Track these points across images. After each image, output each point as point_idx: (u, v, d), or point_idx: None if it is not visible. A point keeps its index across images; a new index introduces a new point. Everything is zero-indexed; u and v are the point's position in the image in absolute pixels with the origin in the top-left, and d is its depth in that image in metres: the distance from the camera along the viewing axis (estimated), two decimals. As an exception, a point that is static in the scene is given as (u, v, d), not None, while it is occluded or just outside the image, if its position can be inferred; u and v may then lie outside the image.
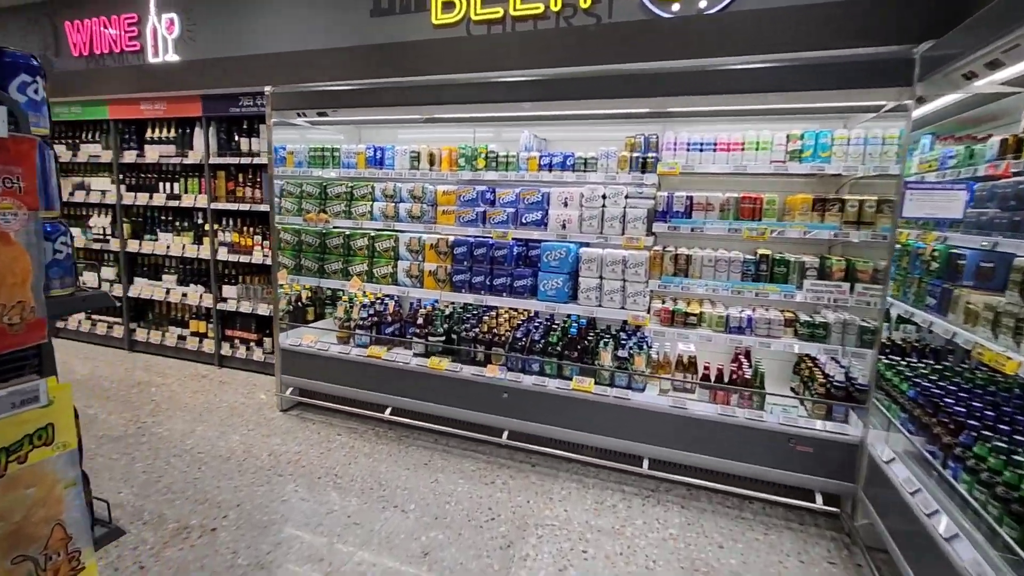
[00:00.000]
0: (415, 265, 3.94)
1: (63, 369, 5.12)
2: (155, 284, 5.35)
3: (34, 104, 1.16)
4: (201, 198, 4.88)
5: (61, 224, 1.23)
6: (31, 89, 1.14)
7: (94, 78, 5.03)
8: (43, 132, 1.18)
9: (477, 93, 3.35)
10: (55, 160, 1.20)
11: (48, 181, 1.13)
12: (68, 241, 1.23)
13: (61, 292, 1.22)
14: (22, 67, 1.14)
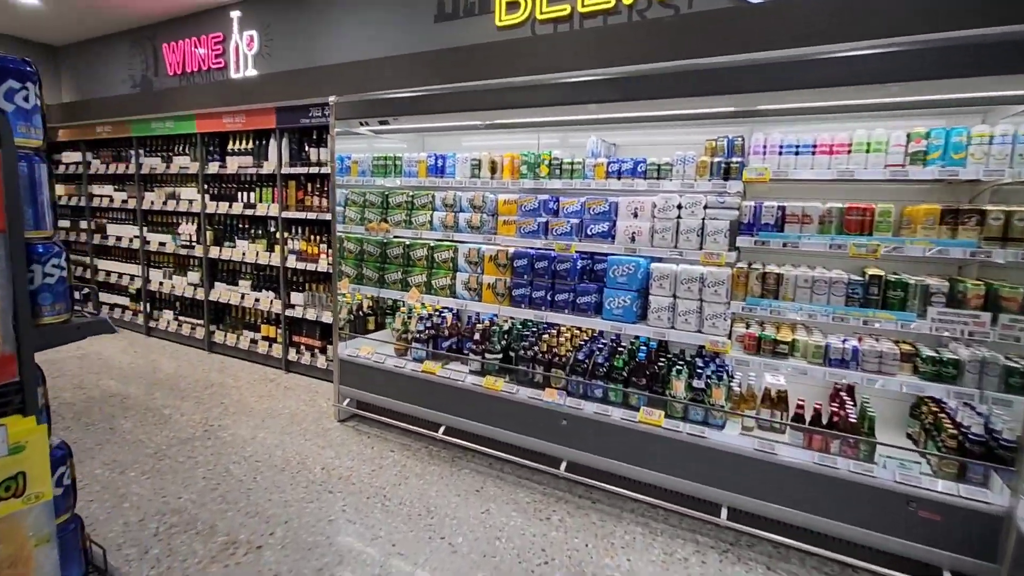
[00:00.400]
0: (474, 277, 3.77)
1: (151, 367, 5.49)
2: (232, 289, 5.58)
3: (23, 113, 1.07)
4: (273, 207, 5.02)
5: (55, 245, 1.14)
6: (20, 96, 1.06)
7: (184, 94, 5.34)
8: (33, 144, 1.09)
9: (541, 95, 3.12)
10: (48, 174, 1.12)
11: (37, 197, 1.04)
12: (61, 263, 1.14)
13: (53, 319, 1.13)
14: (11, 72, 1.06)
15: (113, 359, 5.52)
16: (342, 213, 4.36)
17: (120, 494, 3.08)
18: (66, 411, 4.18)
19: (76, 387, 4.71)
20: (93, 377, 4.97)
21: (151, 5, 5.36)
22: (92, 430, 3.86)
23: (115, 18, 5.79)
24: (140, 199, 6.14)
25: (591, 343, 3.56)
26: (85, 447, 3.61)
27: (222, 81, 5.28)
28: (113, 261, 6.67)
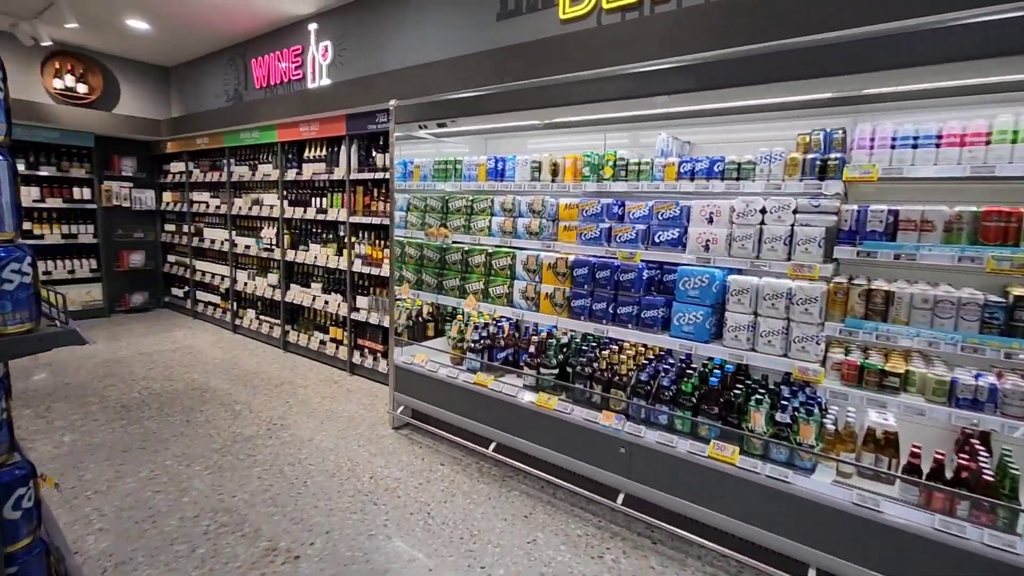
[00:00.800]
0: (531, 286, 3.55)
1: (232, 363, 5.83)
2: (305, 291, 5.78)
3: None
4: (342, 212, 5.13)
5: (16, 248, 1.08)
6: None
7: (266, 106, 5.63)
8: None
9: (606, 88, 2.85)
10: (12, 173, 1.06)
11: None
12: (24, 268, 1.07)
13: (15, 329, 1.07)
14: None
15: (202, 353, 5.92)
16: (404, 218, 4.33)
17: (183, 487, 3.18)
18: (152, 401, 4.48)
19: (165, 378, 5.06)
20: (182, 370, 5.33)
21: (241, 23, 5.71)
22: (170, 421, 4.09)
23: (211, 37, 6.24)
24: (230, 205, 6.57)
25: (656, 363, 3.21)
26: (161, 438, 3.81)
27: (299, 91, 5.50)
28: (208, 262, 7.21)
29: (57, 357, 5.58)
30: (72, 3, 4.87)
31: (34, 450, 3.57)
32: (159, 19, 5.66)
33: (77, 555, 2.57)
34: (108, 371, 5.21)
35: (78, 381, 4.91)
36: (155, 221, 8.07)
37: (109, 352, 5.85)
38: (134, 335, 6.61)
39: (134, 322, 7.32)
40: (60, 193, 6.91)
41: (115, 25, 5.88)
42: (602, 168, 3.24)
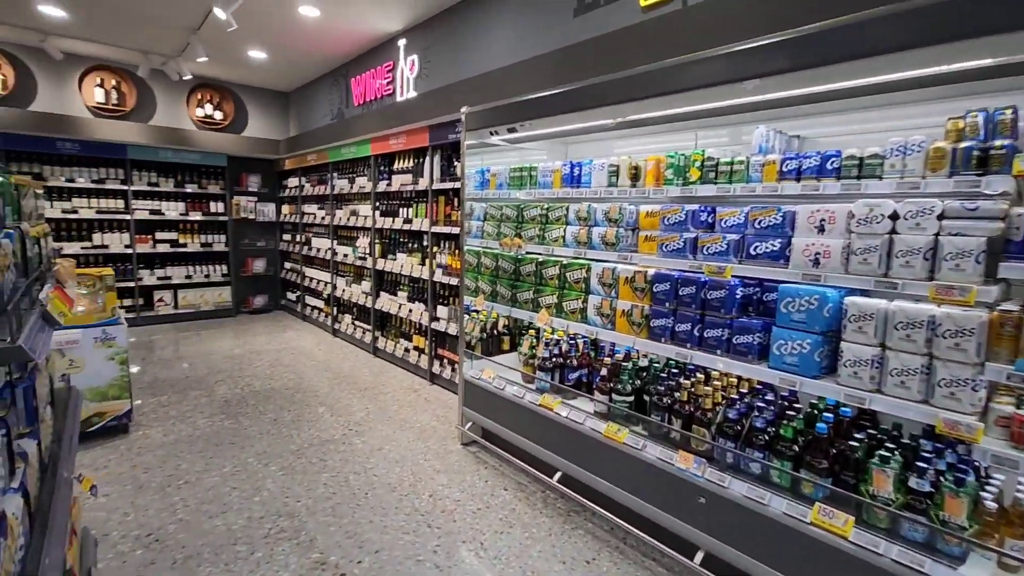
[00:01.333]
0: (607, 302, 3.22)
1: (326, 366, 6.14)
2: (393, 299, 5.93)
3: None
4: (425, 222, 5.16)
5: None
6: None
7: (362, 121, 5.89)
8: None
9: (693, 74, 2.47)
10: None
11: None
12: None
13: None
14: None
15: (303, 354, 6.32)
16: (481, 228, 4.22)
17: (256, 487, 3.31)
18: (251, 398, 4.82)
19: (267, 377, 5.45)
20: (282, 369, 5.72)
21: (344, 46, 6.06)
22: (260, 419, 4.35)
23: (319, 61, 6.71)
24: (332, 216, 6.99)
25: (749, 398, 2.71)
26: (249, 435, 4.04)
27: (388, 105, 5.68)
28: (315, 269, 7.75)
29: (196, 351, 6.27)
30: (202, 39, 5.49)
31: (148, 436, 3.96)
32: (275, 48, 6.20)
33: (156, 542, 2.74)
34: (223, 366, 5.74)
35: (199, 375, 5.45)
36: (275, 231, 8.89)
37: (228, 349, 6.47)
38: (251, 334, 7.27)
39: (254, 322, 8.08)
40: (200, 207, 7.87)
41: (239, 57, 6.55)
42: (687, 170, 2.83)
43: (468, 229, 4.26)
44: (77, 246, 6.92)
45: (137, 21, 5.33)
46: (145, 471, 3.47)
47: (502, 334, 4.42)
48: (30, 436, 1.51)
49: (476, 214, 4.30)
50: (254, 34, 5.66)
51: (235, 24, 4.41)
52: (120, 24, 5.38)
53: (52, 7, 5.00)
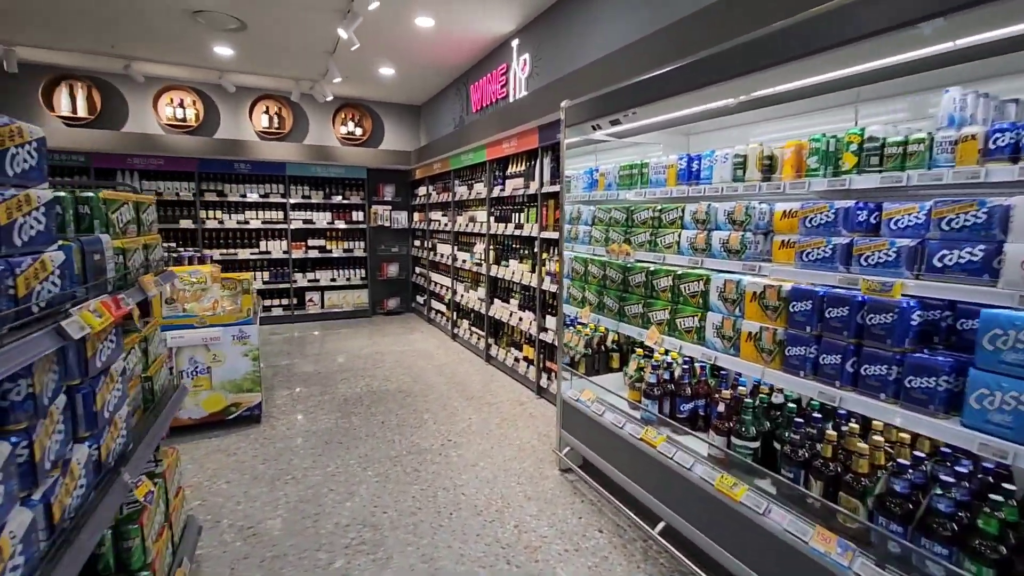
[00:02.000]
0: (729, 321, 2.65)
1: (440, 370, 6.24)
2: (505, 306, 5.81)
3: None
4: (536, 227, 4.93)
5: None
6: None
7: (477, 127, 5.87)
8: None
9: (844, 24, 1.86)
10: None
11: None
12: None
13: None
14: None
15: (422, 358, 6.51)
16: (588, 233, 3.86)
17: (350, 491, 3.35)
18: (367, 398, 5.03)
19: (385, 378, 5.68)
20: (400, 371, 5.93)
21: (463, 52, 6.13)
22: (369, 421, 4.49)
23: (442, 71, 6.89)
24: (453, 222, 7.14)
25: (929, 465, 1.97)
26: (356, 436, 4.18)
27: (499, 108, 5.56)
28: (439, 274, 8.02)
29: (332, 348, 6.86)
30: (337, 62, 5.95)
31: (274, 428, 4.30)
32: (400, 62, 6.51)
33: (253, 536, 2.87)
34: (350, 365, 6.14)
35: (329, 371, 5.89)
36: (407, 238, 9.43)
37: (358, 348, 6.95)
38: (381, 334, 7.75)
39: (386, 323, 8.63)
40: (343, 216, 8.65)
41: (371, 75, 7.02)
42: (838, 156, 2.18)
43: (574, 234, 3.93)
44: (247, 252, 8.02)
45: (284, 51, 5.96)
46: (263, 462, 3.73)
47: (611, 351, 3.99)
48: (88, 441, 1.55)
49: (584, 218, 3.95)
50: (379, 51, 5.99)
51: (357, 42, 4.66)
52: (272, 55, 6.08)
53: (223, 46, 5.82)
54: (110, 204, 1.84)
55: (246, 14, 4.95)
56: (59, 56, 6.36)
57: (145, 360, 2.22)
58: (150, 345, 2.25)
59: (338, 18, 4.39)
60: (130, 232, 2.02)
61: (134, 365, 2.07)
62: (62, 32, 5.44)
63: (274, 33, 5.38)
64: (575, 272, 4.02)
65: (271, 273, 8.23)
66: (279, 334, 7.72)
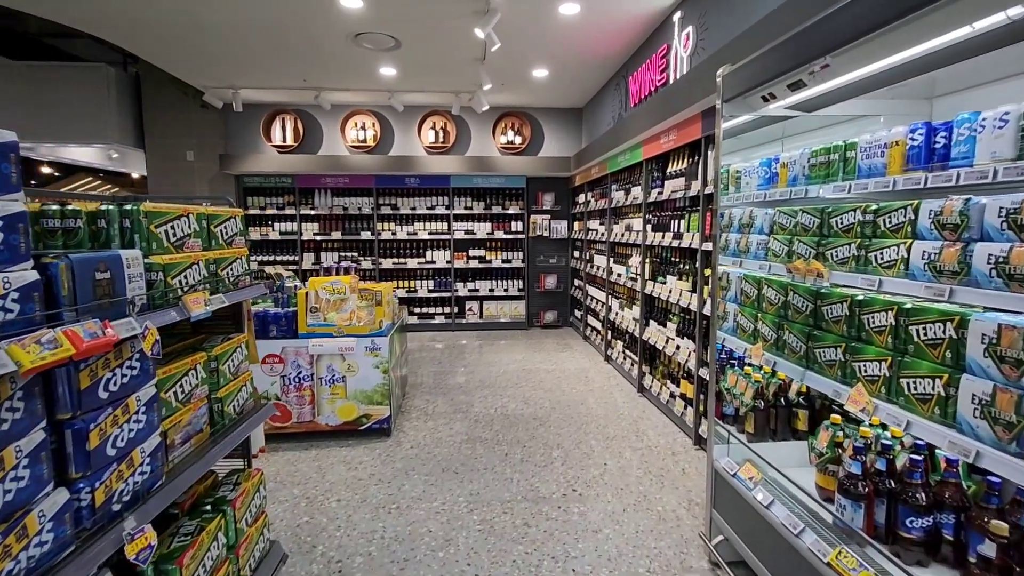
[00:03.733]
0: (1008, 396, 1.54)
1: (585, 396, 5.59)
2: (661, 330, 4.92)
3: None
4: (697, 237, 4.00)
5: None
6: None
7: (632, 122, 5.11)
8: None
9: None
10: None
11: None
12: None
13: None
14: None
15: (569, 380, 5.96)
16: (764, 244, 2.89)
17: (448, 538, 2.95)
18: (498, 422, 4.67)
19: (523, 400, 5.27)
20: (542, 393, 5.47)
21: (621, 39, 5.43)
22: (493, 450, 4.09)
23: (597, 66, 6.27)
24: (609, 231, 6.44)
25: None
26: (475, 467, 3.81)
27: (653, 96, 4.69)
28: (595, 288, 7.37)
29: (482, 360, 6.78)
30: (488, 68, 5.78)
31: (399, 445, 4.19)
32: (551, 60, 6.07)
33: (339, 573, 2.65)
34: (494, 381, 5.89)
35: (472, 385, 5.72)
36: (567, 248, 8.98)
37: (506, 363, 6.70)
38: (533, 350, 7.41)
39: (542, 337, 8.29)
40: (502, 227, 8.60)
41: (525, 78, 6.73)
42: None
43: (744, 246, 2.98)
44: (415, 261, 8.48)
45: (438, 65, 6.03)
46: (377, 483, 3.59)
47: (793, 406, 2.91)
48: (80, 483, 1.36)
49: (757, 224, 2.97)
50: (525, 50, 5.64)
51: (498, 41, 4.36)
52: (428, 70, 6.21)
53: (386, 67, 6.14)
54: (153, 217, 1.70)
55: (398, 31, 5.06)
56: (271, 95, 7.49)
57: (215, 380, 2.09)
58: (222, 364, 2.12)
59: (479, 20, 4.15)
60: (190, 247, 1.89)
61: (194, 387, 1.94)
62: (265, 71, 6.32)
63: (425, 47, 5.44)
64: (744, 296, 3.05)
65: (435, 282, 8.56)
66: (440, 341, 7.95)
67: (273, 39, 5.27)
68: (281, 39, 5.27)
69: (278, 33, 5.12)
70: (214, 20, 4.87)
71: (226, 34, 5.21)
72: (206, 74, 6.39)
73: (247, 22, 4.91)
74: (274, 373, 4.14)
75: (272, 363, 4.13)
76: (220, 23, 4.93)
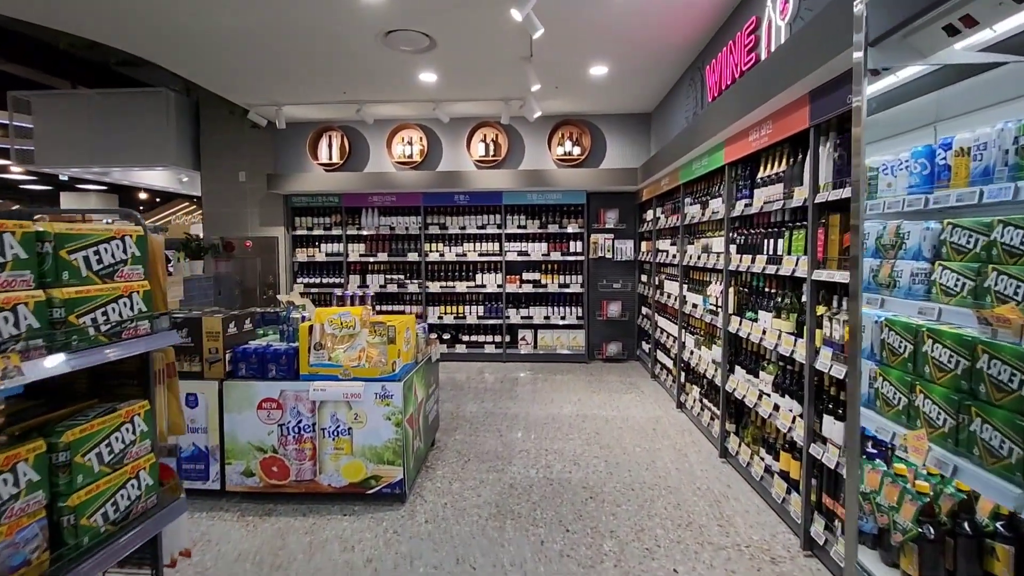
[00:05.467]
0: None
1: (652, 458, 4.55)
2: (751, 380, 3.82)
3: None
4: (803, 261, 2.94)
5: None
6: None
7: (710, 117, 4.12)
8: None
9: None
10: None
11: None
12: None
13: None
14: None
15: (632, 431, 4.93)
16: (923, 275, 1.87)
17: None
18: (536, 492, 3.75)
19: (572, 460, 4.32)
20: (596, 451, 4.49)
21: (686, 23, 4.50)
22: (526, 534, 3.19)
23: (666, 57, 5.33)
24: (682, 253, 5.39)
25: None
26: (498, 560, 2.92)
27: (739, 81, 3.66)
28: (665, 319, 6.30)
29: (532, 399, 5.92)
30: (536, 65, 5.04)
31: (412, 518, 3.41)
32: (611, 54, 5.20)
33: None
34: (540, 430, 4.99)
35: (513, 435, 4.86)
36: (633, 271, 7.94)
37: (559, 405, 5.77)
38: (591, 389, 6.43)
39: (603, 373, 7.27)
40: (560, 247, 7.74)
41: (582, 78, 5.90)
42: None
43: (885, 278, 1.98)
44: (464, 285, 7.81)
45: (482, 66, 5.37)
46: (375, 571, 2.82)
47: (983, 536, 1.80)
48: None
49: (912, 244, 1.96)
50: (578, 40, 4.81)
51: (540, 26, 3.59)
52: (469, 72, 5.57)
53: (426, 72, 5.57)
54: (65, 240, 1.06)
55: (432, 27, 4.46)
56: (315, 111, 7.21)
57: (65, 481, 1.41)
58: (80, 455, 1.44)
59: (515, 1, 3.42)
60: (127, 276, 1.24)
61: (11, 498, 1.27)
62: (303, 84, 5.98)
63: (463, 44, 4.80)
64: (888, 352, 2.04)
65: (485, 307, 7.83)
66: (489, 372, 7.18)
67: (299, 44, 4.86)
68: (308, 43, 4.84)
69: (304, 38, 4.69)
70: (232, 25, 4.51)
71: (249, 42, 4.87)
72: (246, 91, 6.17)
73: (266, 26, 4.51)
74: (271, 421, 3.52)
75: (269, 409, 3.52)
76: (238, 28, 4.57)
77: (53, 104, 7.40)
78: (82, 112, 7.39)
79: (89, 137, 7.42)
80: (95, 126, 7.38)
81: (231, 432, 3.55)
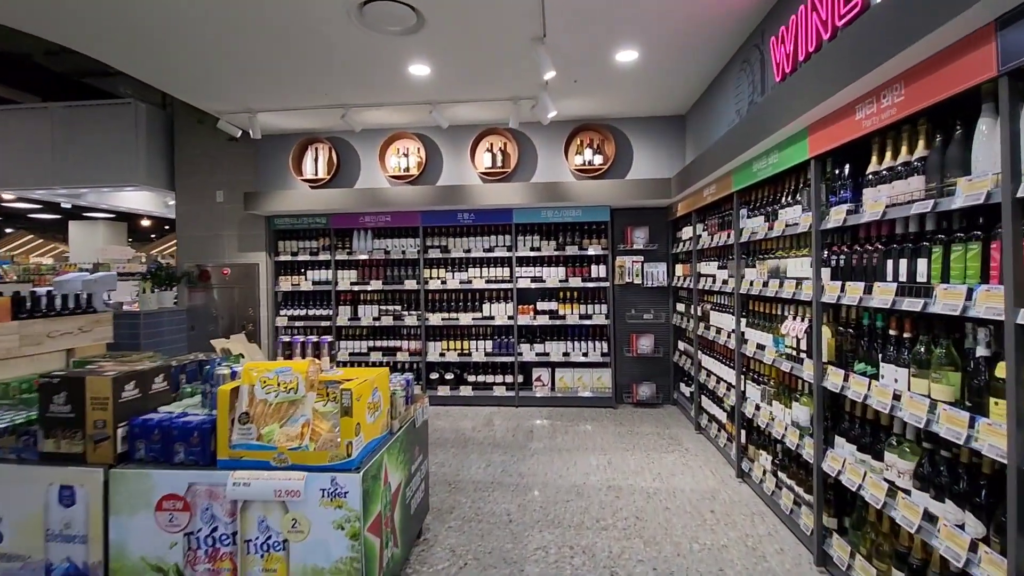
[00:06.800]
0: None
1: (714, 560, 3.37)
2: (868, 462, 2.65)
3: None
4: (981, 294, 1.81)
5: None
6: None
7: (786, 97, 3.06)
8: None
9: None
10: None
11: None
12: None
13: None
14: None
15: (683, 514, 3.75)
16: None
17: None
18: (561, 622, 2.60)
19: (609, 560, 3.16)
20: (640, 545, 3.33)
21: None
22: None
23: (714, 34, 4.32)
24: (738, 278, 4.27)
25: None
26: None
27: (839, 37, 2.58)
28: (712, 358, 5.14)
29: (552, 458, 4.76)
30: (550, 47, 4.06)
31: (381, 673, 2.28)
32: (642, 34, 4.20)
33: None
34: (562, 510, 3.83)
35: (531, 515, 3.72)
36: (666, 299, 6.81)
37: (584, 468, 4.61)
38: (623, 446, 5.25)
39: (636, 421, 6.09)
40: (580, 272, 6.67)
41: (606, 69, 4.90)
42: None
43: None
44: (470, 316, 6.75)
45: (483, 53, 4.40)
46: None
47: None
48: None
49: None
50: (603, 14, 3.85)
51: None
52: (472, 62, 4.61)
53: (417, 64, 4.62)
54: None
55: (417, -2, 3.51)
56: (298, 120, 6.32)
57: None
58: None
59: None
60: None
61: None
62: (277, 85, 5.11)
63: (457, 21, 3.84)
64: None
65: (494, 342, 6.74)
66: (499, 420, 6.05)
67: (264, 28, 3.97)
68: (274, 27, 3.95)
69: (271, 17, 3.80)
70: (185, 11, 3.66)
71: (206, 31, 4.00)
72: (212, 94, 5.29)
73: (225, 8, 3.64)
74: (175, 527, 2.46)
75: (172, 510, 2.46)
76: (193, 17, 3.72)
77: (11, 119, 6.67)
78: (44, 127, 6.64)
79: (52, 155, 6.65)
80: (57, 143, 6.62)
81: (119, 543, 2.49)
